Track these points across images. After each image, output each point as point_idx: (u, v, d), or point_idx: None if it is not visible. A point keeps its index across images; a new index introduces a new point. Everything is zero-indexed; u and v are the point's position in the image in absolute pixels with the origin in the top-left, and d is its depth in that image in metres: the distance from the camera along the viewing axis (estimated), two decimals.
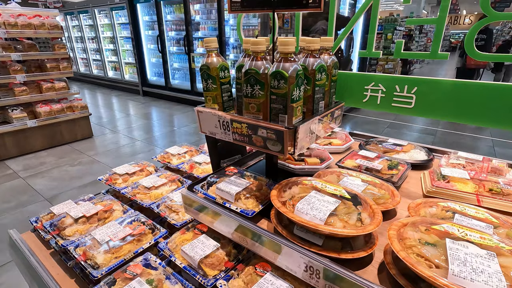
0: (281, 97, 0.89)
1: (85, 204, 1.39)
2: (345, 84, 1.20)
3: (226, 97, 1.11)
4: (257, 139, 0.97)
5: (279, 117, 0.92)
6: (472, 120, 1.05)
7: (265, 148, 0.96)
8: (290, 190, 1.02)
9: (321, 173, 1.32)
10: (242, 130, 1.00)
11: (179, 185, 1.63)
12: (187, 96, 7.87)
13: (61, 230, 1.26)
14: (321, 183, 1.02)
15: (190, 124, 6.66)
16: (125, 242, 1.16)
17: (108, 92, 9.89)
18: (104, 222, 1.32)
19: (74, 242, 1.18)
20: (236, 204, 1.08)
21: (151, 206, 1.43)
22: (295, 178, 1.10)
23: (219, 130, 1.08)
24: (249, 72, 0.93)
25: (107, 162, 4.65)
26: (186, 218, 1.35)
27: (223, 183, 1.15)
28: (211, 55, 1.06)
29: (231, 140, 1.06)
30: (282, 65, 0.87)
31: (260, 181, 1.21)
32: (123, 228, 1.21)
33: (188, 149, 2.05)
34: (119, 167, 1.75)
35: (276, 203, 0.94)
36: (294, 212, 0.89)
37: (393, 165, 1.41)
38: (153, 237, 1.22)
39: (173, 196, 1.45)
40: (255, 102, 0.97)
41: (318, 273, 0.84)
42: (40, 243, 1.39)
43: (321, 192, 0.96)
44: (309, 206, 0.89)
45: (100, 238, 1.14)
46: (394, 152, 1.58)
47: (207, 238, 1.16)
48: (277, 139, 0.92)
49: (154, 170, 1.82)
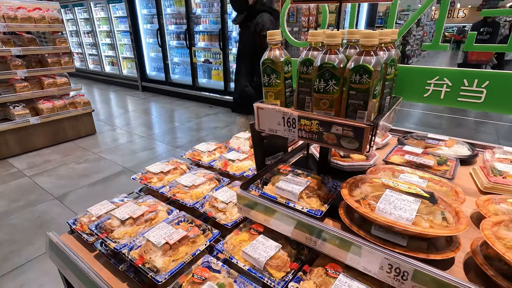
0: (363, 93, 0.85)
1: (128, 204, 1.34)
2: (404, 78, 1.17)
3: (288, 92, 1.06)
4: (329, 137, 0.93)
5: (357, 114, 0.88)
6: None
7: (338, 146, 0.93)
8: (359, 189, 0.99)
9: (373, 169, 1.29)
10: (312, 127, 0.96)
11: (217, 183, 1.59)
12: (188, 91, 7.76)
13: (109, 232, 1.20)
14: (392, 181, 0.99)
15: (193, 120, 6.58)
16: (181, 245, 1.12)
17: (106, 88, 9.69)
18: (151, 223, 1.27)
19: (127, 245, 1.13)
20: (300, 204, 1.05)
21: (195, 206, 1.38)
22: (362, 176, 1.07)
23: (282, 127, 1.03)
24: (324, 66, 0.89)
25: (114, 159, 4.57)
26: (235, 217, 1.32)
27: (282, 182, 1.12)
28: (274, 49, 1.01)
29: (295, 137, 1.02)
30: (365, 58, 0.83)
31: (316, 179, 1.18)
32: (176, 230, 1.16)
33: (217, 146, 2.00)
34: (152, 165, 1.70)
35: (352, 202, 0.91)
36: (376, 212, 0.86)
37: (442, 161, 1.39)
38: (206, 239, 1.18)
39: (217, 195, 1.41)
40: (327, 98, 0.93)
41: (406, 275, 0.81)
42: (81, 246, 1.34)
43: (396, 191, 0.93)
44: (391, 206, 0.86)
45: (155, 240, 1.10)
46: (438, 147, 1.56)
47: (266, 239, 1.12)
48: (354, 137, 0.88)
49: (187, 168, 1.76)
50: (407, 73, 1.16)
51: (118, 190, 3.93)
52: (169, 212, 1.36)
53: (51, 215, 3.28)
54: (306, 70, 1.00)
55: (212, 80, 7.65)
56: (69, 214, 3.26)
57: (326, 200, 1.09)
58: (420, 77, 1.14)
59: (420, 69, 1.14)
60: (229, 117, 6.67)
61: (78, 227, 1.35)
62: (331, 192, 1.13)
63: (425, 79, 1.13)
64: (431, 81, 1.11)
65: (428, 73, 1.12)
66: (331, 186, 1.15)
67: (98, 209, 1.43)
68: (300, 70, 1.02)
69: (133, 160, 4.57)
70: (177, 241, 1.10)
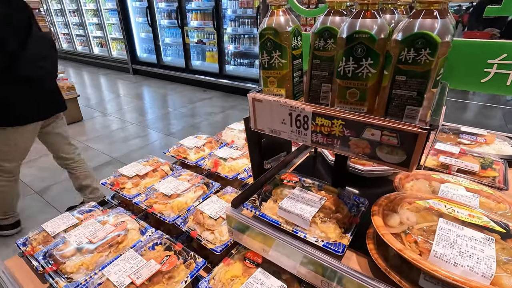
0: (419, 78, 0.54)
1: (89, 223, 1.05)
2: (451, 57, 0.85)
3: (297, 78, 0.75)
4: (358, 144, 0.63)
5: (405, 111, 0.58)
6: None
7: (371, 157, 0.63)
8: (397, 216, 0.70)
9: (403, 177, 1.01)
10: (333, 130, 0.65)
11: (205, 189, 1.30)
12: (181, 74, 7.33)
13: (60, 263, 0.92)
14: (444, 204, 0.70)
15: (186, 105, 6.22)
16: (152, 283, 0.84)
17: (95, 71, 9.20)
18: (117, 249, 0.98)
19: (80, 284, 0.85)
20: (312, 232, 0.76)
21: (176, 222, 1.10)
22: (397, 195, 0.78)
23: (288, 127, 0.73)
24: (356, 37, 0.58)
25: (101, 149, 4.25)
26: (225, 238, 1.03)
27: (288, 200, 0.83)
28: (278, 13, 0.69)
29: (307, 142, 0.71)
30: (424, 22, 0.51)
31: (331, 193, 0.89)
32: (147, 262, 0.88)
33: (207, 140, 1.70)
34: (126, 167, 1.40)
35: (394, 244, 0.62)
36: (431, 259, 0.58)
37: (487, 163, 1.11)
38: (188, 271, 0.90)
39: (204, 207, 1.12)
40: (358, 86, 0.62)
41: None
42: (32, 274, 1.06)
43: (454, 221, 0.65)
44: (454, 250, 0.57)
45: (117, 279, 0.82)
46: (477, 144, 1.27)
47: (265, 275, 0.85)
48: (400, 145, 0.58)
49: (169, 169, 1.47)
50: (457, 49, 0.84)
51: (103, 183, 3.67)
52: (143, 231, 1.08)
53: (31, 212, 3.00)
54: (324, 45, 0.68)
55: (206, 62, 7.21)
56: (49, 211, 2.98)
57: (347, 225, 0.80)
58: (477, 55, 0.82)
59: (476, 43, 0.82)
60: (224, 101, 6.31)
61: (29, 249, 1.07)
62: (352, 212, 0.84)
63: (485, 57, 0.81)
64: (494, 61, 0.80)
65: (490, 50, 0.80)
66: (352, 204, 0.86)
67: (55, 225, 1.14)
68: (315, 46, 0.70)
69: (122, 149, 4.26)
70: (146, 280, 0.82)
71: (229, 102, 6.28)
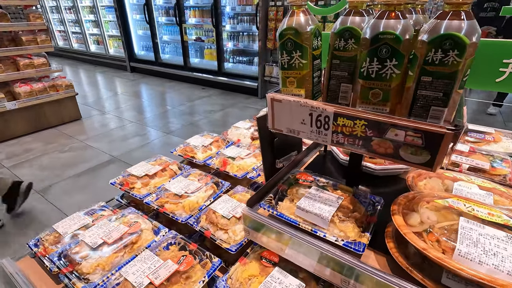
0: (445, 79, 0.54)
1: (103, 223, 1.04)
2: None
3: (316, 78, 0.75)
4: (381, 144, 0.64)
5: (430, 112, 0.58)
6: None
7: (394, 157, 0.63)
8: (417, 215, 0.71)
9: (415, 175, 1.01)
10: (354, 130, 0.66)
11: (215, 189, 1.30)
12: (179, 72, 7.29)
13: (76, 264, 0.92)
14: (463, 202, 0.71)
15: (185, 103, 6.19)
16: (170, 284, 0.84)
17: (92, 69, 9.12)
18: (131, 249, 0.98)
19: (98, 285, 0.85)
20: (331, 232, 0.77)
21: (189, 222, 1.10)
22: (414, 194, 0.79)
23: (308, 128, 0.73)
24: (381, 38, 0.58)
25: (101, 147, 4.23)
26: (239, 238, 1.04)
27: (305, 199, 0.83)
28: (298, 13, 0.69)
29: (327, 142, 0.72)
30: (452, 23, 0.52)
31: (347, 192, 0.90)
32: (164, 262, 0.88)
33: (213, 139, 1.70)
34: (135, 166, 1.39)
35: (418, 243, 0.63)
36: (455, 257, 0.59)
37: (497, 161, 1.12)
38: (204, 271, 0.90)
39: (216, 207, 1.12)
40: (382, 87, 0.62)
41: None
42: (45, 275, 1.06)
43: (474, 220, 0.65)
44: (479, 249, 0.58)
45: (135, 280, 0.82)
46: (485, 142, 1.28)
47: (283, 274, 0.85)
48: (425, 146, 0.58)
49: (178, 168, 1.46)
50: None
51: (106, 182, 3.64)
52: (156, 231, 1.08)
53: (33, 212, 2.98)
54: (344, 45, 0.68)
55: (204, 60, 7.18)
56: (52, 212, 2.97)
57: (364, 224, 0.81)
58: (492, 55, 0.83)
59: (492, 43, 0.83)
60: (223, 99, 6.29)
61: (41, 250, 1.06)
62: (369, 211, 0.85)
63: (500, 57, 0.82)
64: (510, 60, 0.81)
65: (506, 49, 0.81)
66: (368, 203, 0.87)
67: (67, 225, 1.14)
68: (334, 46, 0.70)
69: (122, 147, 4.23)
70: (165, 280, 0.82)
71: (228, 100, 6.26)
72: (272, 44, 5.64)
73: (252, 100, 6.20)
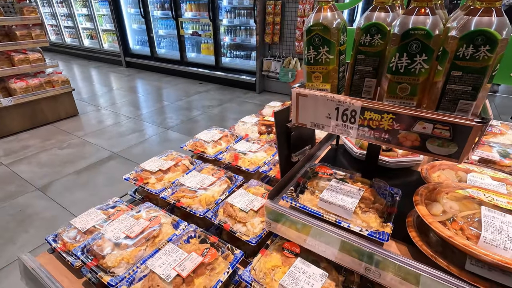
0: (475, 74, 0.57)
1: (123, 218, 1.05)
2: None
3: (341, 73, 0.77)
4: (408, 137, 0.66)
5: (458, 105, 0.61)
6: None
7: (421, 150, 0.66)
8: (439, 205, 0.74)
9: (429, 167, 1.04)
10: (381, 124, 0.68)
11: (229, 183, 1.31)
12: (176, 66, 7.23)
13: (100, 258, 0.93)
14: (483, 192, 0.74)
15: (183, 98, 6.16)
16: (196, 275, 0.86)
17: (86, 64, 8.98)
18: (153, 243, 1.00)
19: (125, 278, 0.86)
20: (354, 222, 0.80)
21: (207, 216, 1.12)
22: (434, 185, 0.82)
23: (334, 122, 0.75)
24: (412, 34, 0.60)
25: (100, 144, 4.20)
26: (258, 230, 1.06)
27: (328, 191, 0.85)
28: (326, 9, 0.70)
29: (353, 135, 0.74)
30: (482, 20, 0.54)
31: (365, 184, 0.92)
32: (189, 255, 0.90)
33: (222, 134, 1.71)
34: (148, 162, 1.40)
35: (444, 231, 0.65)
36: (481, 244, 0.62)
37: (505, 153, 1.16)
38: (227, 263, 0.92)
39: (233, 200, 1.14)
40: (410, 81, 0.64)
41: None
42: (65, 269, 1.07)
43: (495, 209, 0.68)
44: (503, 236, 0.61)
45: (163, 272, 0.83)
46: (492, 135, 1.32)
47: (306, 264, 0.88)
48: (452, 138, 0.61)
49: (190, 163, 1.48)
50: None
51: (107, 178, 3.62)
52: (175, 224, 1.09)
53: (34, 209, 2.96)
54: (370, 40, 0.70)
55: (201, 54, 7.12)
56: (54, 208, 2.95)
57: (385, 214, 0.84)
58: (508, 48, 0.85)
59: None
60: (221, 94, 6.27)
61: (60, 246, 1.07)
62: (388, 203, 0.88)
63: None
64: None
65: None
66: (387, 195, 0.90)
67: (84, 221, 1.14)
68: (360, 41, 0.72)
69: (121, 144, 4.21)
70: (191, 272, 0.84)
71: (226, 95, 6.24)
72: (270, 39, 5.62)
73: (250, 95, 6.20)
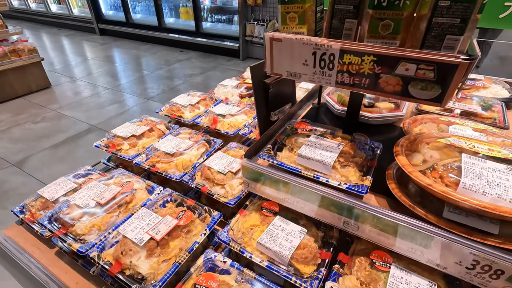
0: (465, 2, 0.50)
1: (93, 185, 0.99)
2: None
3: (319, 13, 0.69)
4: (390, 82, 0.61)
5: (445, 41, 0.55)
6: None
7: (403, 95, 0.61)
8: (420, 155, 0.71)
9: (410, 121, 1.02)
10: (361, 68, 0.62)
11: (207, 146, 1.26)
12: (154, 33, 6.81)
13: (69, 226, 0.88)
14: (464, 140, 0.71)
15: (163, 67, 5.88)
16: (171, 238, 0.83)
17: (56, 32, 8.33)
18: (126, 208, 0.95)
19: (96, 244, 0.82)
20: (333, 177, 0.77)
21: (184, 179, 1.07)
22: (416, 136, 0.78)
23: (311, 69, 0.69)
24: None
25: (77, 116, 4.01)
26: (237, 192, 1.03)
27: (306, 147, 0.81)
28: None
29: (331, 84, 0.68)
30: None
31: (345, 139, 0.88)
32: (163, 218, 0.86)
33: (200, 98, 1.62)
34: (120, 127, 1.31)
35: (423, 179, 0.63)
36: (460, 190, 0.60)
37: (487, 106, 1.14)
38: (205, 225, 0.89)
39: (211, 163, 1.09)
40: (394, 17, 0.58)
41: (499, 274, 0.59)
42: (36, 240, 1.02)
43: (476, 156, 0.66)
44: (482, 181, 0.59)
45: (135, 236, 0.80)
46: (475, 88, 1.29)
47: (284, 222, 0.86)
48: (436, 80, 0.56)
49: (165, 128, 1.40)
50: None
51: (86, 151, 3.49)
52: (150, 190, 1.04)
53: (11, 185, 2.85)
54: None
55: (180, 19, 6.70)
56: (32, 183, 2.85)
57: (365, 168, 0.81)
58: None
59: None
60: (203, 62, 6.01)
61: (28, 216, 1.01)
62: (368, 157, 0.85)
63: None
64: None
65: None
66: (368, 149, 0.87)
67: (53, 190, 1.08)
68: None
69: (100, 116, 4.03)
70: (166, 235, 0.81)
71: (209, 62, 5.99)
72: (252, 0, 5.30)
73: (234, 62, 5.97)
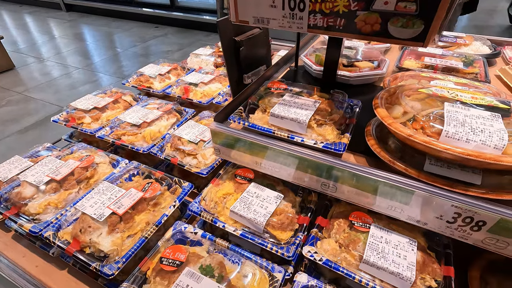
0: None
1: (48, 160, 0.89)
2: None
3: None
4: (367, 20, 0.53)
5: None
6: None
7: (383, 35, 0.54)
8: (400, 107, 0.66)
9: (391, 79, 0.96)
10: (337, 5, 0.54)
11: (178, 117, 1.17)
12: (126, 8, 6.39)
13: (21, 206, 0.79)
14: (446, 90, 0.66)
15: (138, 44, 5.57)
16: (137, 212, 0.75)
17: (17, 9, 7.69)
18: (87, 184, 0.87)
19: (52, 223, 0.74)
20: (309, 136, 0.70)
21: (152, 151, 0.99)
22: (396, 88, 0.73)
23: (280, 12, 0.60)
24: None
25: (46, 98, 3.76)
26: (210, 161, 0.96)
27: (279, 106, 0.74)
28: None
29: (303, 29, 0.60)
30: None
31: (325, 97, 0.82)
32: (126, 191, 0.78)
33: (171, 67, 1.50)
34: (80, 100, 1.20)
35: (404, 130, 0.57)
36: (441, 139, 0.55)
37: (469, 61, 1.09)
38: (175, 197, 0.83)
39: (181, 132, 1.01)
40: None
41: (481, 225, 0.56)
42: None
43: (461, 104, 0.61)
44: (466, 128, 0.54)
45: (94, 212, 0.72)
46: (456, 46, 1.24)
47: (260, 188, 0.80)
48: (418, 13, 0.49)
49: (133, 99, 1.29)
50: None
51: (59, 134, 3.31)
52: (114, 164, 0.95)
53: None
54: None
55: None
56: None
57: (343, 126, 0.75)
58: None
59: None
60: (180, 38, 5.73)
61: None
62: (347, 114, 0.79)
63: None
64: None
65: None
66: (346, 106, 0.80)
67: (6, 169, 0.97)
68: None
69: (72, 97, 3.79)
70: (129, 208, 0.73)
71: (186, 38, 5.71)
72: None
73: (212, 37, 5.71)
